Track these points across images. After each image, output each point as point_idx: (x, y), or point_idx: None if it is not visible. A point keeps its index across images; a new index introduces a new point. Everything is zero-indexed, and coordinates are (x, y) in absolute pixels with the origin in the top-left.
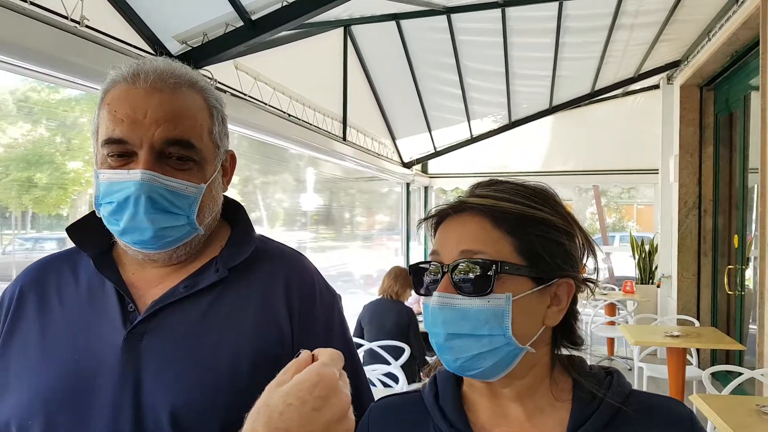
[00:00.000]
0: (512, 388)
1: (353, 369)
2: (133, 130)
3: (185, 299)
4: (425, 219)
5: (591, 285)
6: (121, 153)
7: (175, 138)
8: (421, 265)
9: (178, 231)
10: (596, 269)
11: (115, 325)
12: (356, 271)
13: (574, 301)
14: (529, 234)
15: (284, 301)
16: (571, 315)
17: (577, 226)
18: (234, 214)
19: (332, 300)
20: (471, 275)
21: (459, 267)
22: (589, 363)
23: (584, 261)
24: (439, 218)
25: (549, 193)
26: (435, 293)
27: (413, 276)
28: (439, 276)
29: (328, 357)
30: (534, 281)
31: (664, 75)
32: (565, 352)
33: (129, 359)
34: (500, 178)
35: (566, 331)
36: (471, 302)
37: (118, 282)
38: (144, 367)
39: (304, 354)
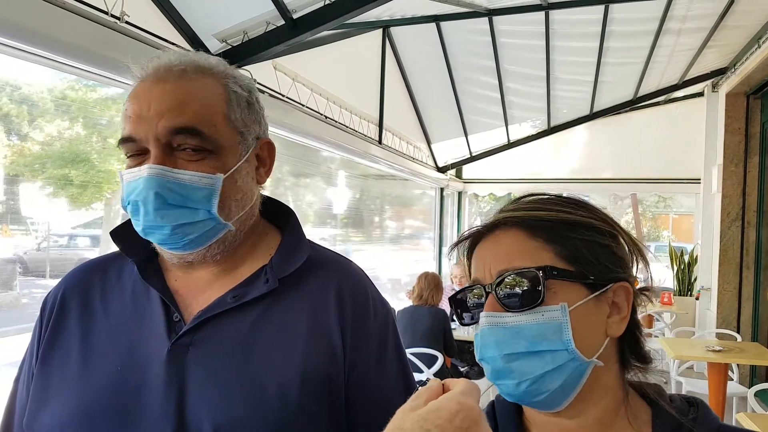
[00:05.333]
0: (581, 420)
1: (408, 388)
2: (140, 126)
3: (233, 310)
4: (457, 243)
5: (648, 294)
6: (136, 152)
7: (179, 126)
8: (459, 296)
9: (201, 227)
10: (650, 274)
11: (160, 335)
12: (385, 275)
13: (634, 310)
14: (571, 239)
15: (336, 315)
16: (634, 325)
17: (618, 227)
18: (284, 219)
19: (386, 313)
20: (517, 289)
21: (502, 283)
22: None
23: (634, 267)
24: (472, 242)
25: (582, 200)
26: (481, 314)
27: (455, 307)
28: (483, 299)
29: (466, 387)
30: (588, 288)
31: (708, 82)
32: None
33: (173, 372)
34: (530, 192)
35: (632, 343)
36: (523, 318)
37: (163, 290)
38: (188, 381)
39: (435, 382)
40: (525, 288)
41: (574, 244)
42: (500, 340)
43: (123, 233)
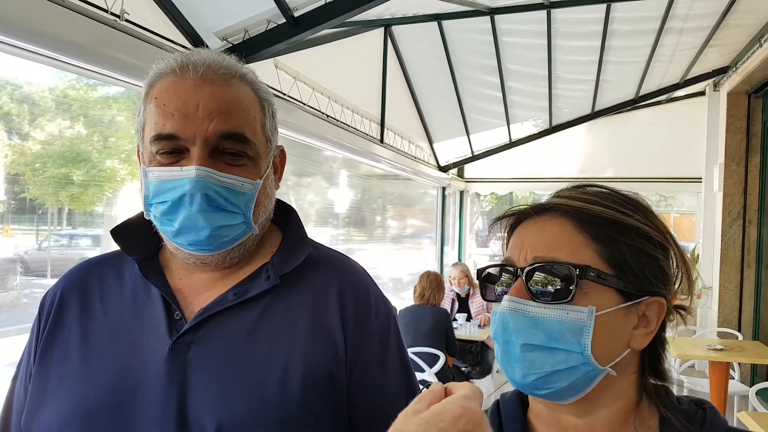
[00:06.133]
0: (590, 419)
1: (410, 387)
2: (186, 125)
3: (234, 308)
4: (501, 218)
5: (683, 312)
6: (172, 149)
7: (229, 131)
8: (490, 270)
9: (235, 230)
10: (690, 294)
11: (161, 333)
12: (386, 275)
13: (663, 326)
14: (618, 242)
15: (338, 313)
16: (659, 341)
17: (673, 241)
18: (285, 217)
19: (388, 312)
20: (549, 284)
21: (536, 272)
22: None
23: (677, 284)
24: (516, 220)
25: (642, 202)
26: (505, 297)
27: (481, 281)
28: (512, 281)
29: (469, 391)
30: (621, 296)
31: (710, 81)
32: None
33: (174, 370)
34: (587, 182)
35: (653, 358)
36: (547, 311)
37: (165, 288)
38: (190, 380)
39: (437, 385)
40: (557, 282)
41: (620, 248)
42: (518, 327)
43: (123, 232)
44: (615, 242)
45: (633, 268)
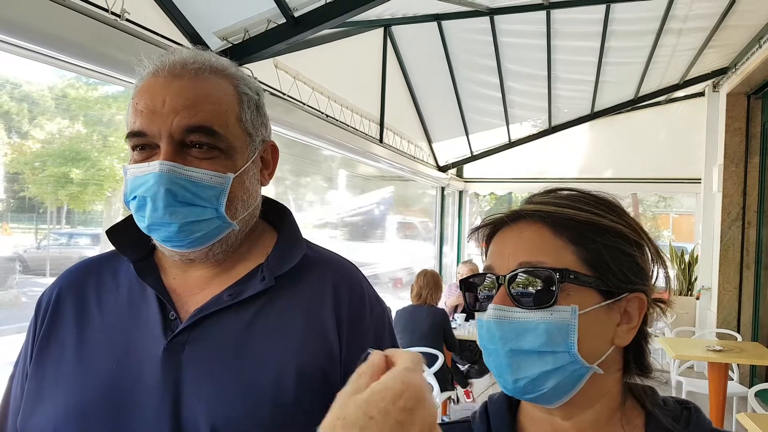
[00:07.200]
0: (576, 421)
1: None
2: (152, 121)
3: (229, 308)
4: (477, 229)
5: (662, 306)
6: (143, 146)
7: (195, 125)
8: (472, 280)
9: (207, 225)
10: (668, 286)
11: (155, 333)
12: (384, 274)
13: (645, 321)
14: (595, 243)
15: (332, 313)
16: (642, 336)
17: (646, 236)
18: (280, 218)
19: (382, 312)
20: (530, 287)
21: (517, 279)
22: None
23: (654, 278)
24: (493, 229)
25: (614, 202)
26: (490, 306)
27: (464, 290)
28: (494, 291)
29: (410, 362)
30: (602, 295)
31: (709, 82)
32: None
33: (169, 370)
34: (559, 186)
35: (637, 354)
36: (531, 315)
37: (160, 288)
38: (184, 379)
39: (377, 356)
40: (539, 286)
41: (597, 249)
42: (505, 335)
43: (119, 232)
44: (592, 243)
45: (612, 267)
